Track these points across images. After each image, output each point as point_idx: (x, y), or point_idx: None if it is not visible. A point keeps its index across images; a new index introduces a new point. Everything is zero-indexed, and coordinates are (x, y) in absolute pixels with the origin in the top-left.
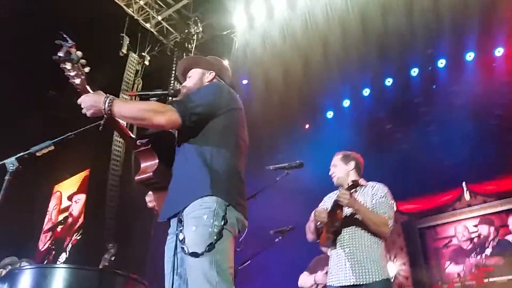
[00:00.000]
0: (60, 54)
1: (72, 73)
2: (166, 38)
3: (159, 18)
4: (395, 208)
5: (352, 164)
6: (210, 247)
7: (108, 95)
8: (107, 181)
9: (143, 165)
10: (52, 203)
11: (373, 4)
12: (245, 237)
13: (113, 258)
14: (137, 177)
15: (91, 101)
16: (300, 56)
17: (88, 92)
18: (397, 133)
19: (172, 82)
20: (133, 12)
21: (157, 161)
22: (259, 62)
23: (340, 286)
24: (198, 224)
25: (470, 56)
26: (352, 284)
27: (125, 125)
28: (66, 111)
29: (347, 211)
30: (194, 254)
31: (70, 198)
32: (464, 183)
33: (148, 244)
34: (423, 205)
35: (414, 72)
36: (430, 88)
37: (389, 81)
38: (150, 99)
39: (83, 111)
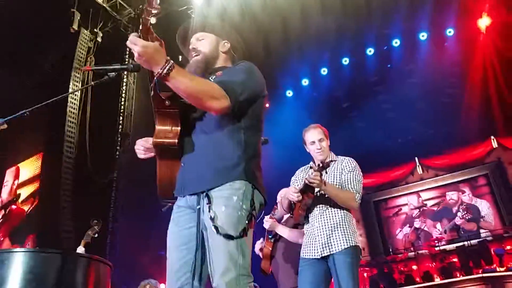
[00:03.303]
0: None
1: (154, 11)
2: (120, 13)
3: None
4: (362, 182)
5: (328, 140)
6: (243, 232)
7: (168, 58)
8: (62, 164)
9: (161, 127)
10: (8, 181)
11: None
12: None
13: (96, 235)
14: (156, 140)
15: (151, 54)
16: (259, 33)
17: (148, 36)
18: (353, 111)
19: (126, 59)
20: None
21: (179, 128)
22: None
23: (310, 259)
24: (228, 205)
25: (423, 36)
26: (321, 256)
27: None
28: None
29: (317, 189)
30: (228, 236)
31: (28, 182)
32: (416, 158)
33: (108, 226)
34: (378, 180)
35: (370, 51)
36: (385, 67)
37: (345, 60)
38: (108, 73)
39: (135, 53)
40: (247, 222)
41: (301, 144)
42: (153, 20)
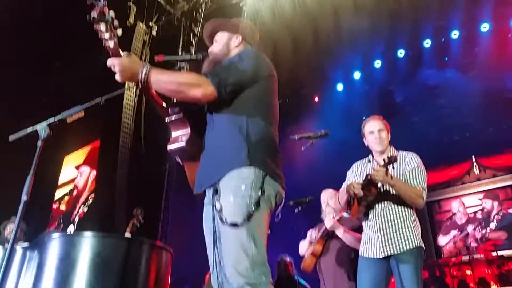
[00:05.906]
0: (94, 15)
1: (107, 36)
2: (173, 7)
3: None
4: (427, 179)
5: (389, 133)
6: (249, 217)
7: (144, 63)
8: (117, 154)
9: (174, 134)
10: (62, 174)
11: None
12: None
13: (139, 225)
14: (169, 147)
15: (128, 66)
16: (310, 25)
17: (120, 55)
18: (407, 106)
19: (180, 52)
20: None
21: (189, 130)
22: (268, 32)
23: (371, 258)
24: (236, 195)
25: (485, 27)
26: (383, 256)
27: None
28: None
29: (381, 184)
30: (234, 225)
31: (77, 168)
32: (473, 157)
33: (160, 215)
34: (432, 179)
35: (427, 43)
36: (442, 60)
37: (401, 53)
38: (178, 63)
39: (116, 75)
40: (254, 208)
41: (350, 139)
42: (119, 32)
